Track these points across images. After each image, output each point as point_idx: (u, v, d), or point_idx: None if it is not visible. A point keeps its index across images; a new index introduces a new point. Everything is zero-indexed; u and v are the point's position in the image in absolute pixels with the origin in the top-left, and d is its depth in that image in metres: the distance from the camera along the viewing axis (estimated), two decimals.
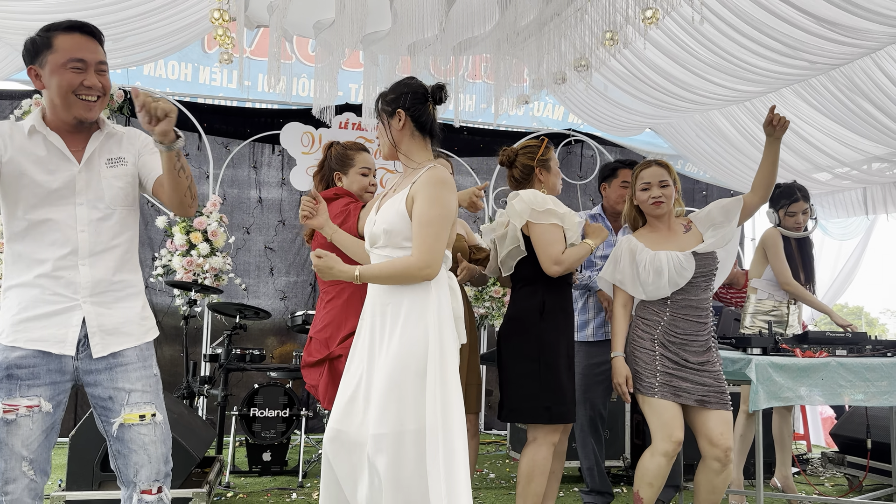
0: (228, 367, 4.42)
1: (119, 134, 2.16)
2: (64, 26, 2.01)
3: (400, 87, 2.37)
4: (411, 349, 2.13)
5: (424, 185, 2.20)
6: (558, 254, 2.87)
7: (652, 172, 3.02)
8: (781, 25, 4.05)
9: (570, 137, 6.83)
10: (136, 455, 2.03)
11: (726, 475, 2.89)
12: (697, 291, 2.95)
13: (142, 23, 4.76)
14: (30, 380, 1.97)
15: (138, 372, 2.06)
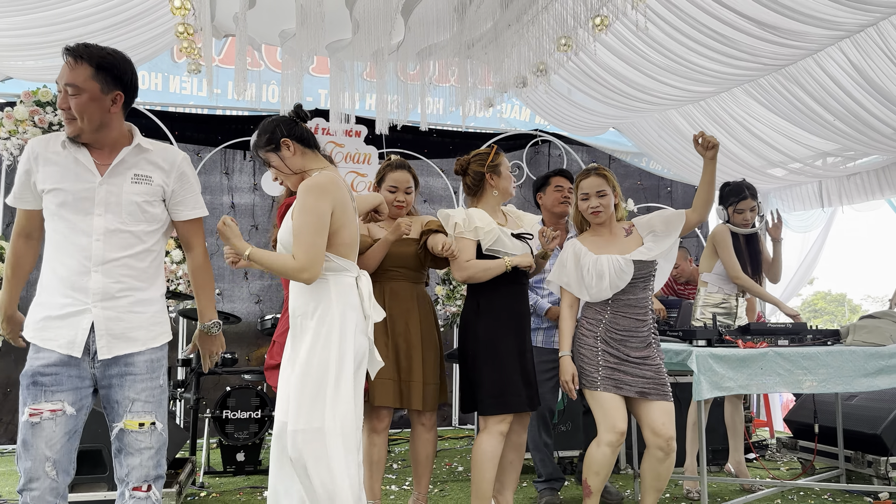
0: (200, 372, 4.54)
1: (152, 150, 2.27)
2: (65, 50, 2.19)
3: (268, 125, 2.55)
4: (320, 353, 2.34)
5: (298, 195, 2.38)
6: (462, 260, 3.10)
7: (590, 183, 3.19)
8: (725, 29, 4.22)
9: (537, 138, 6.99)
10: (131, 457, 2.18)
11: (669, 462, 3.06)
12: (636, 291, 3.13)
13: (109, 35, 4.85)
14: (53, 386, 2.12)
15: (145, 383, 2.21)
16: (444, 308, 6.26)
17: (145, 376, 2.21)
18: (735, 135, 5.65)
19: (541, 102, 6.14)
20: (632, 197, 6.87)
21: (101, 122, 2.18)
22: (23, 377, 2.14)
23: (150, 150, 2.28)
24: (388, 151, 6.51)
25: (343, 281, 2.44)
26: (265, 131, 2.54)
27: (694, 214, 3.19)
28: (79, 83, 2.14)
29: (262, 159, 2.58)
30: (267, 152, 2.53)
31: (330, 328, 2.36)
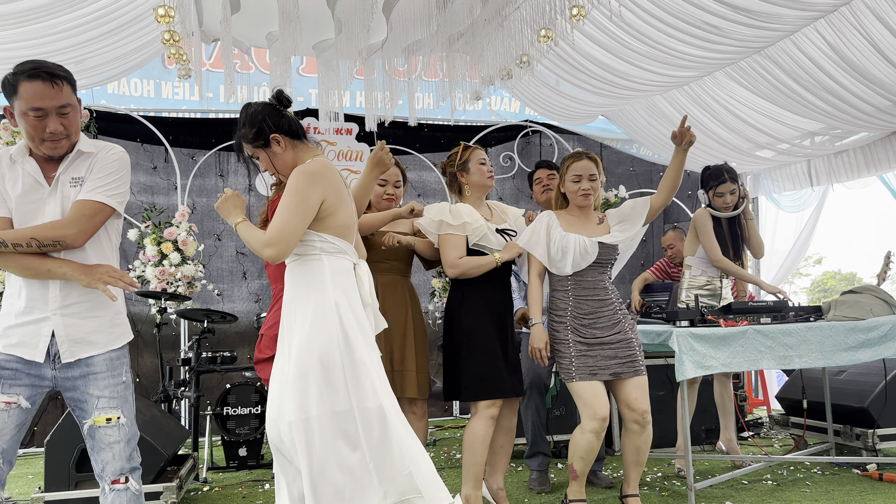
0: (199, 370, 4.65)
1: (89, 153, 2.29)
2: (27, 73, 2.14)
3: (252, 117, 2.43)
4: (313, 342, 2.28)
5: (290, 177, 2.34)
6: (454, 258, 3.20)
7: (583, 165, 3.27)
8: (701, 14, 4.27)
9: (527, 128, 7.05)
10: (104, 452, 2.28)
11: (647, 435, 3.16)
12: (594, 274, 3.22)
13: (101, 44, 4.95)
14: (11, 380, 2.21)
15: (107, 381, 2.30)
16: (440, 300, 6.35)
17: (106, 374, 2.30)
18: (720, 118, 5.70)
19: (529, 93, 6.21)
20: (624, 184, 6.92)
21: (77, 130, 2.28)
22: None
23: (88, 152, 2.29)
24: None
25: (338, 263, 2.37)
26: (252, 124, 2.43)
27: (658, 198, 3.30)
28: (72, 102, 2.21)
29: (247, 154, 2.48)
30: (255, 147, 2.45)
31: (326, 310, 2.29)
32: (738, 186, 4.27)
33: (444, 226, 3.23)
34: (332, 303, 2.30)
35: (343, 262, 2.40)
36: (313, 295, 2.32)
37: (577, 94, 5.87)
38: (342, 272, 2.37)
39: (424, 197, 7.02)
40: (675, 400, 4.60)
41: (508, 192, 7.13)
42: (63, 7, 4.32)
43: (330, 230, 2.37)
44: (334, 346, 2.27)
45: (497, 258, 3.21)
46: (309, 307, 2.32)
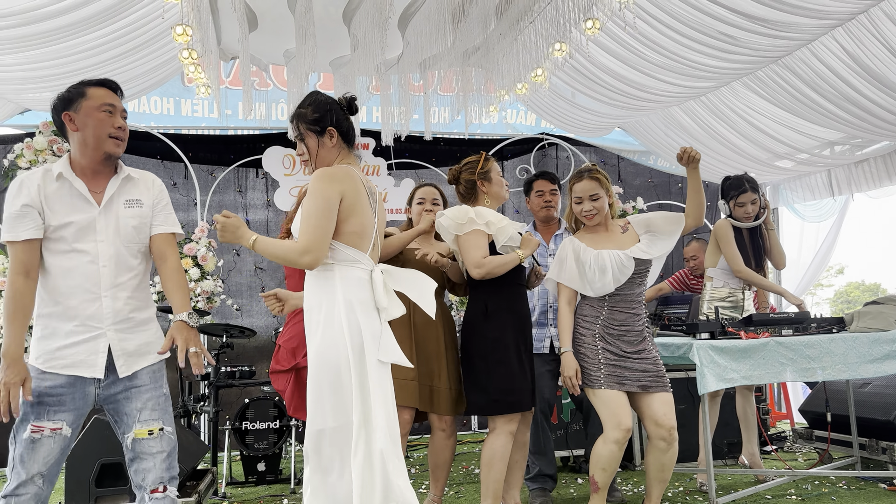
0: (218, 385, 4.66)
1: (136, 178, 2.43)
2: (93, 82, 2.37)
3: (322, 105, 2.45)
4: (326, 351, 2.28)
5: (311, 182, 2.34)
6: (479, 258, 3.11)
7: (583, 187, 3.25)
8: (717, 24, 4.26)
9: (543, 141, 7.05)
10: (145, 462, 2.32)
11: (672, 453, 3.11)
12: (632, 287, 3.19)
13: (120, 63, 5.03)
14: (56, 406, 2.25)
15: (150, 393, 2.36)
16: (458, 314, 6.33)
17: (149, 387, 2.36)
18: (738, 129, 5.66)
19: (545, 106, 6.21)
20: (642, 195, 6.88)
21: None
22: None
23: (134, 177, 2.43)
24: (397, 162, 6.63)
25: (351, 274, 2.34)
26: (316, 108, 2.44)
27: (689, 220, 3.27)
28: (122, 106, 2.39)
29: (298, 132, 2.47)
30: (308, 130, 2.44)
31: (333, 322, 2.29)
32: (758, 196, 4.23)
33: (467, 225, 3.15)
34: (340, 314, 2.30)
35: (356, 271, 2.36)
36: (325, 306, 2.33)
37: (593, 105, 5.87)
38: (354, 282, 2.34)
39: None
40: (696, 413, 4.53)
41: (524, 205, 7.11)
42: (84, 27, 4.41)
43: (342, 237, 2.35)
44: (341, 360, 2.27)
45: (520, 254, 3.16)
46: (321, 318, 2.33)
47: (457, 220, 3.16)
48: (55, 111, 2.36)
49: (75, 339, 2.27)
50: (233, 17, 4.69)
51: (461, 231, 3.16)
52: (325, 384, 2.28)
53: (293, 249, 2.28)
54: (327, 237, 2.30)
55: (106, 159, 2.35)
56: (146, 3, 4.39)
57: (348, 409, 2.25)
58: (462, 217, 3.16)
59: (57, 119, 2.36)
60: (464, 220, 3.15)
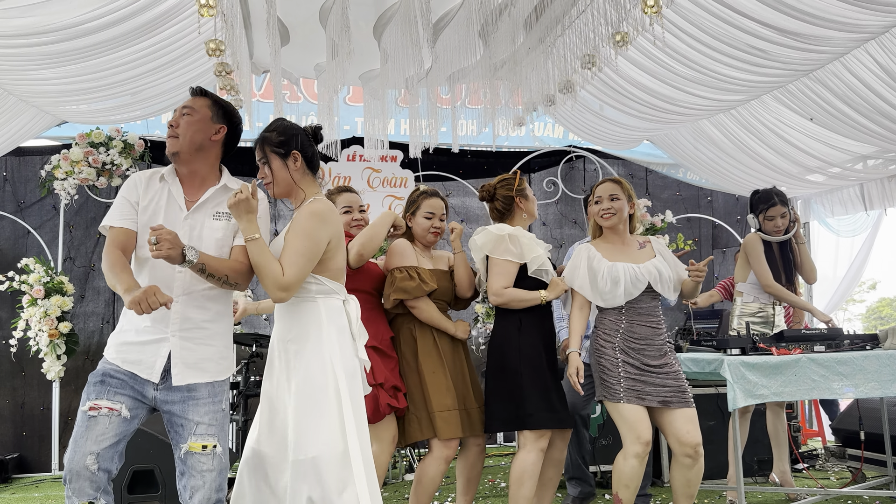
0: (247, 394, 4.72)
1: (233, 189, 2.42)
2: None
3: (288, 129, 2.54)
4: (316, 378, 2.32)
5: (299, 217, 2.40)
6: (499, 287, 3.16)
7: (604, 188, 3.28)
8: (747, 38, 4.23)
9: (571, 154, 7.05)
10: (194, 479, 2.27)
11: (698, 469, 3.08)
12: (648, 300, 3.18)
13: (154, 77, 5.14)
14: (117, 388, 2.26)
15: (208, 406, 2.32)
16: (483, 326, 6.34)
17: (207, 400, 2.32)
18: (769, 142, 5.61)
19: (572, 119, 6.21)
20: (670, 208, 6.83)
21: (201, 144, 2.39)
22: (92, 376, 2.28)
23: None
24: (424, 174, 6.66)
25: (332, 304, 2.44)
26: (282, 133, 2.52)
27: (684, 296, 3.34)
28: (195, 107, 2.41)
29: (262, 154, 2.53)
30: (272, 152, 2.50)
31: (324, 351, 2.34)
32: (788, 210, 4.19)
33: (502, 249, 3.17)
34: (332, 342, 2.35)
35: (335, 301, 2.45)
36: (312, 336, 2.37)
37: (621, 118, 5.86)
38: (335, 311, 2.42)
39: (468, 222, 7.04)
40: (726, 430, 4.48)
41: (552, 218, 7.11)
42: (121, 43, 4.51)
43: (327, 273, 2.43)
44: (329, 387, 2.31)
45: (543, 296, 3.18)
46: (307, 347, 2.36)
47: (493, 241, 3.19)
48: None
49: (143, 338, 2.29)
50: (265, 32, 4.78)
51: (494, 253, 3.19)
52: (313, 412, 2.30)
53: (277, 278, 2.29)
54: (305, 277, 2.36)
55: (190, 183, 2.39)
56: (182, 19, 4.48)
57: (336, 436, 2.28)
58: (499, 239, 3.19)
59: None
60: (500, 242, 3.18)
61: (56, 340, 5.50)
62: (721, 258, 7.11)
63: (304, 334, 2.38)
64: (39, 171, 5.95)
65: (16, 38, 4.14)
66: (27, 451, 5.96)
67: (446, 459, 3.16)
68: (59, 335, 5.52)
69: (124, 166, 5.91)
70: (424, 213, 3.41)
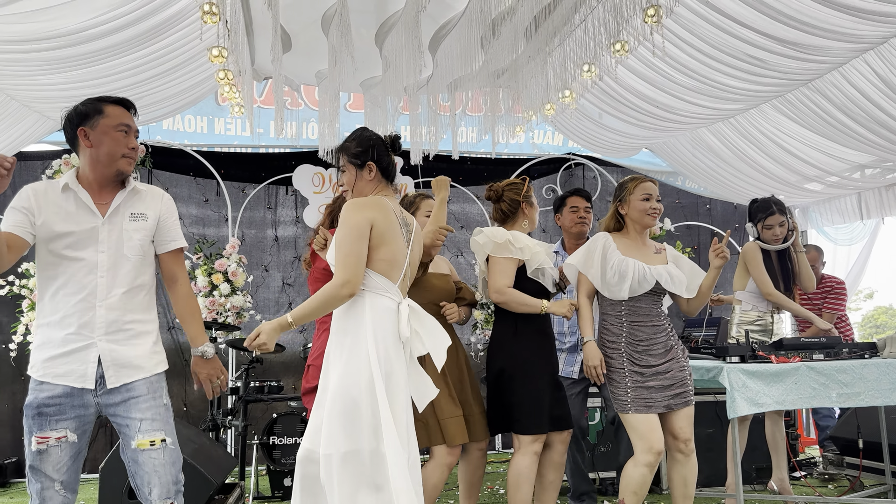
0: (247, 399, 4.72)
1: (143, 191, 2.48)
2: (111, 99, 2.42)
3: (365, 140, 2.59)
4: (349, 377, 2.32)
5: (341, 212, 2.42)
6: (502, 285, 3.15)
7: (651, 186, 3.29)
8: (747, 48, 4.27)
9: (570, 161, 7.07)
10: (149, 475, 2.32)
11: (692, 465, 3.13)
12: (648, 302, 3.19)
13: (157, 83, 5.16)
14: (57, 415, 2.28)
15: (148, 403, 2.35)
16: (482, 332, 6.34)
17: (147, 397, 2.35)
18: (767, 151, 5.64)
19: (572, 127, 6.24)
20: (669, 216, 6.86)
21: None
22: (27, 408, 2.29)
23: (141, 191, 2.47)
24: (424, 181, 6.69)
25: (380, 303, 2.39)
26: (360, 143, 2.58)
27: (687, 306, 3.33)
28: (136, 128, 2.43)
29: (339, 163, 2.61)
30: (349, 162, 2.58)
31: (361, 350, 2.33)
32: (787, 218, 4.21)
33: (503, 248, 3.18)
34: (367, 343, 2.34)
35: (384, 300, 2.41)
36: (351, 333, 2.38)
37: (620, 126, 5.89)
38: (382, 311, 2.39)
39: (467, 228, 7.06)
40: (724, 437, 4.50)
41: (552, 225, 7.12)
42: (124, 49, 4.53)
43: (373, 264, 2.41)
44: (363, 388, 2.30)
45: (544, 306, 3.19)
46: (346, 344, 2.37)
47: (494, 240, 3.20)
48: (69, 123, 2.38)
49: (68, 347, 2.29)
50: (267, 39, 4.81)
51: (496, 252, 3.20)
52: (343, 410, 2.29)
53: (332, 286, 2.33)
54: (361, 263, 2.36)
55: (116, 176, 2.40)
56: (184, 26, 4.50)
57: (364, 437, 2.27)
58: (500, 238, 3.20)
59: (70, 132, 2.38)
60: (501, 241, 3.19)
61: None
62: None
63: (344, 330, 2.39)
64: (41, 175, 5.96)
65: (18, 44, 4.16)
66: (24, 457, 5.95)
67: (449, 466, 3.17)
68: None
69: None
70: (424, 213, 3.43)
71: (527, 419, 3.14)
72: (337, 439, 2.28)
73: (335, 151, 2.65)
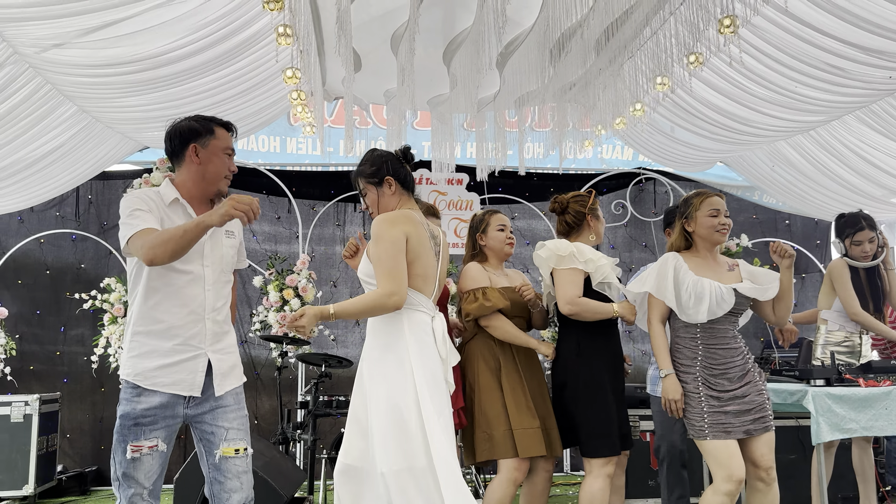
0: (316, 413, 4.76)
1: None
2: (220, 122, 2.57)
3: (377, 158, 2.65)
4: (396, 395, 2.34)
5: (375, 227, 2.46)
6: (573, 296, 3.08)
7: (719, 201, 3.12)
8: (828, 57, 4.10)
9: (640, 176, 6.93)
10: (231, 482, 2.41)
11: (774, 494, 2.97)
12: (725, 323, 3.05)
13: (232, 104, 5.32)
14: (151, 425, 2.38)
15: (234, 413, 2.47)
16: None
17: (234, 407, 2.46)
18: (851, 164, 5.39)
19: (642, 141, 6.12)
20: (746, 232, 6.62)
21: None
22: (124, 418, 2.36)
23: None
24: (490, 197, 6.67)
25: (417, 318, 2.46)
26: (373, 163, 2.65)
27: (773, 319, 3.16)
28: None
29: (360, 188, 2.67)
30: (367, 183, 2.64)
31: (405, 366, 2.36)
32: (876, 234, 4.01)
33: (567, 259, 3.12)
34: (411, 359, 2.37)
35: (421, 315, 2.47)
36: (392, 349, 2.40)
37: (693, 140, 5.74)
38: (420, 326, 2.44)
39: (533, 245, 6.97)
40: (808, 464, 4.27)
41: (621, 241, 7.00)
42: (202, 71, 4.69)
43: (409, 280, 2.45)
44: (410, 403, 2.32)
45: (615, 310, 3.12)
46: (389, 360, 2.39)
47: (557, 253, 3.15)
48: (181, 138, 2.46)
49: (176, 358, 2.37)
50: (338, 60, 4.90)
51: (560, 265, 3.15)
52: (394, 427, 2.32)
53: (378, 295, 2.37)
54: (405, 276, 2.40)
55: (216, 195, 2.51)
56: (259, 48, 4.63)
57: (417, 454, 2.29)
58: (563, 250, 3.15)
59: (178, 145, 2.46)
60: (565, 253, 3.14)
61: None
62: (800, 284, 6.83)
63: (387, 345, 2.43)
64: (122, 193, 6.20)
65: (104, 68, 4.35)
66: (105, 465, 6.16)
67: (515, 482, 3.11)
68: None
69: None
70: (496, 227, 3.41)
71: (597, 440, 3.06)
72: (391, 457, 2.31)
73: (353, 179, 2.71)
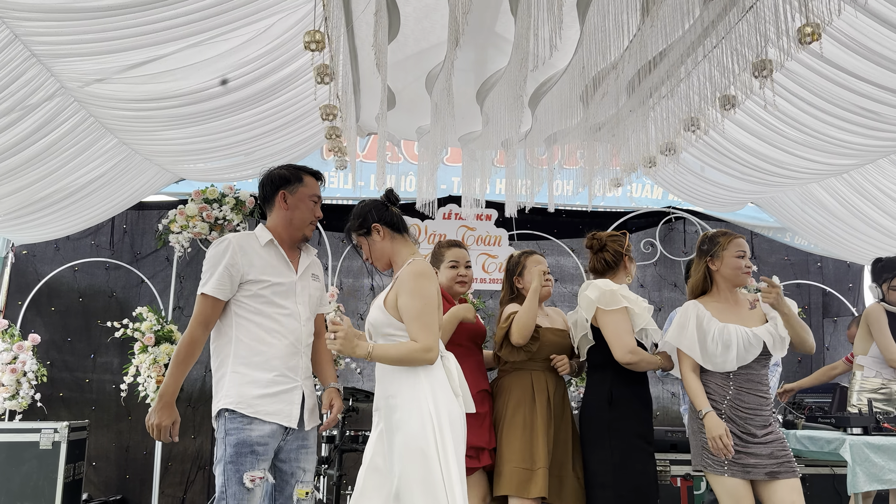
0: (343, 448, 4.75)
1: (314, 256, 2.78)
2: (309, 171, 2.74)
3: (360, 209, 2.71)
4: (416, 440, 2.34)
5: (405, 280, 2.47)
6: (633, 345, 3.02)
7: (745, 243, 3.14)
8: (863, 101, 4.08)
9: (670, 215, 6.91)
10: None
11: None
12: (759, 367, 3.00)
13: (267, 139, 5.43)
14: (264, 455, 2.43)
15: (311, 455, 2.56)
16: (577, 390, 6.19)
17: (311, 449, 2.54)
18: (885, 208, 5.33)
19: (672, 180, 6.12)
20: (778, 273, 6.53)
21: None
22: (239, 445, 2.38)
23: (314, 256, 2.75)
24: (519, 233, 6.69)
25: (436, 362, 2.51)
26: (358, 215, 2.71)
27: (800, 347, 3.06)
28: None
29: (353, 243, 2.76)
30: (358, 236, 2.72)
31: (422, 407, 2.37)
32: None
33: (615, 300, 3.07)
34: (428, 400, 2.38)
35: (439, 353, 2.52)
36: (407, 392, 2.42)
37: (724, 180, 5.72)
38: (434, 369, 2.46)
39: (562, 282, 6.99)
40: None
41: (650, 280, 6.96)
42: (239, 107, 4.80)
43: None
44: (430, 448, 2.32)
45: (660, 363, 3.09)
46: (405, 404, 2.40)
47: (605, 294, 3.09)
48: (271, 184, 2.64)
49: (275, 388, 2.45)
50: (372, 98, 4.99)
51: (608, 305, 3.08)
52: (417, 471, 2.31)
53: (417, 349, 2.39)
54: (438, 331, 2.45)
55: (302, 239, 2.66)
56: (297, 85, 4.74)
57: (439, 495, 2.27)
58: (610, 292, 3.10)
59: (269, 192, 2.64)
60: (613, 294, 3.09)
61: None
62: (833, 328, 6.72)
63: (401, 390, 2.44)
64: (156, 224, 6.32)
65: (145, 102, 4.48)
66: (130, 494, 6.18)
67: None
68: None
69: (235, 221, 6.21)
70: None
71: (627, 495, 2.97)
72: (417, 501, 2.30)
73: (344, 236, 2.87)
